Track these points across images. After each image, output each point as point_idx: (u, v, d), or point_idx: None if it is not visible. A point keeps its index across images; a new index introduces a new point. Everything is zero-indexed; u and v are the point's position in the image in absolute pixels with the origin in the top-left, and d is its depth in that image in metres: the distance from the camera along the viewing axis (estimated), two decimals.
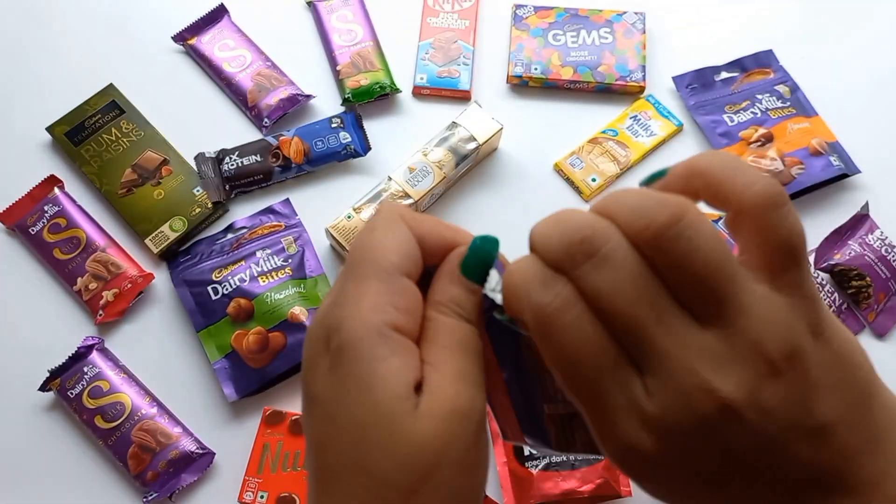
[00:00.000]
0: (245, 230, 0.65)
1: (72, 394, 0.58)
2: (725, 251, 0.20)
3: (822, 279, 0.62)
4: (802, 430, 0.21)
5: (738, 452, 0.20)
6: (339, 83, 0.72)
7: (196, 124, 0.71)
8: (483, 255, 0.25)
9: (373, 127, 0.70)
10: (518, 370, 0.26)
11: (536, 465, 0.55)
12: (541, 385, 0.26)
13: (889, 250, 0.64)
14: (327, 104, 0.72)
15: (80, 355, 0.60)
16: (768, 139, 0.68)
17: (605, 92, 0.72)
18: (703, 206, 0.23)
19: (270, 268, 0.62)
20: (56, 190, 0.66)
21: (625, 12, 0.74)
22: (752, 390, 0.20)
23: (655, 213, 0.20)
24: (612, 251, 0.21)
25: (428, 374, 0.23)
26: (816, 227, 0.65)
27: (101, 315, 0.62)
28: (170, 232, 0.65)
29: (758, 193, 0.21)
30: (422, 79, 0.71)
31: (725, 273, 0.20)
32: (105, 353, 0.61)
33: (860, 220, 0.65)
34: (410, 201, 0.63)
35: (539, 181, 0.69)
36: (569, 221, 0.21)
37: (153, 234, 0.65)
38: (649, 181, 0.24)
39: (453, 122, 0.65)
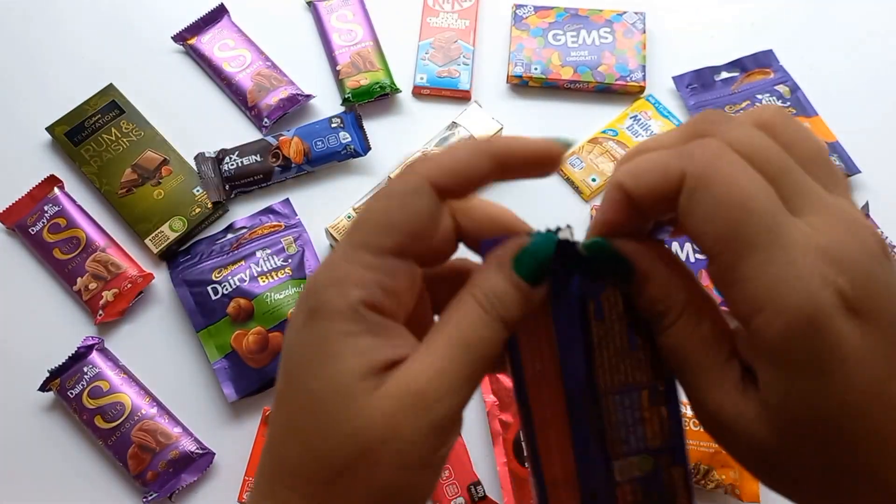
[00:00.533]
0: (245, 230, 0.65)
1: (72, 394, 0.58)
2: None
3: None
4: None
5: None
6: (339, 83, 0.72)
7: (196, 124, 0.71)
8: (544, 254, 0.23)
9: (373, 127, 0.70)
10: (584, 393, 0.22)
11: None
12: (607, 424, 0.22)
13: (889, 250, 0.63)
14: (327, 104, 0.72)
15: (80, 355, 0.60)
16: None
17: (606, 92, 0.72)
18: None
19: (270, 268, 0.62)
20: (56, 190, 0.66)
21: (625, 12, 0.74)
22: (885, 246, 0.20)
23: (762, 110, 0.21)
24: (744, 121, 0.21)
25: (412, 356, 0.22)
26: None
27: (100, 315, 0.62)
28: (170, 232, 0.65)
29: (771, 111, 0.22)
30: (422, 79, 0.71)
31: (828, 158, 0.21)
32: (105, 353, 0.61)
33: None
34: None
35: (539, 181, 0.68)
36: (672, 131, 0.23)
37: (153, 234, 0.65)
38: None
39: (453, 122, 0.65)
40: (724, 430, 0.21)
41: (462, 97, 0.72)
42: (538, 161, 0.24)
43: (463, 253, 0.26)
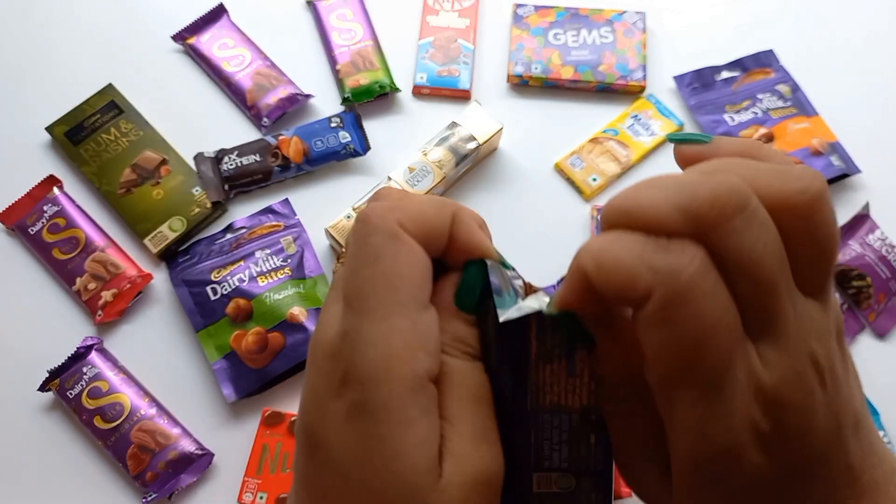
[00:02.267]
0: (244, 230, 0.65)
1: (71, 394, 0.58)
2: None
3: None
4: (852, 417, 0.20)
5: (821, 432, 0.19)
6: (339, 82, 0.71)
7: (195, 124, 0.70)
8: (475, 285, 0.23)
9: (372, 126, 0.70)
10: (513, 403, 0.23)
11: None
12: (534, 438, 0.23)
13: (889, 250, 0.63)
14: (327, 104, 0.72)
15: (80, 355, 0.60)
16: (769, 139, 0.68)
17: (606, 91, 0.72)
18: None
19: (270, 268, 0.62)
20: (55, 190, 0.66)
21: (625, 11, 0.73)
22: (834, 362, 0.20)
23: (811, 180, 0.19)
24: (760, 208, 0.18)
25: (448, 434, 0.21)
26: None
27: (100, 315, 0.62)
28: (169, 232, 0.65)
29: (810, 190, 0.19)
30: (422, 78, 0.71)
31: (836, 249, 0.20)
32: (104, 353, 0.61)
33: (860, 220, 0.65)
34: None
35: (539, 181, 0.68)
36: (687, 183, 0.19)
37: (152, 234, 0.64)
38: (685, 140, 0.22)
39: (453, 122, 0.65)
40: (645, 498, 0.23)
41: (462, 97, 0.72)
42: (478, 252, 0.24)
43: None
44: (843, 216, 0.65)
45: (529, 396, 0.23)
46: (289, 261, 0.63)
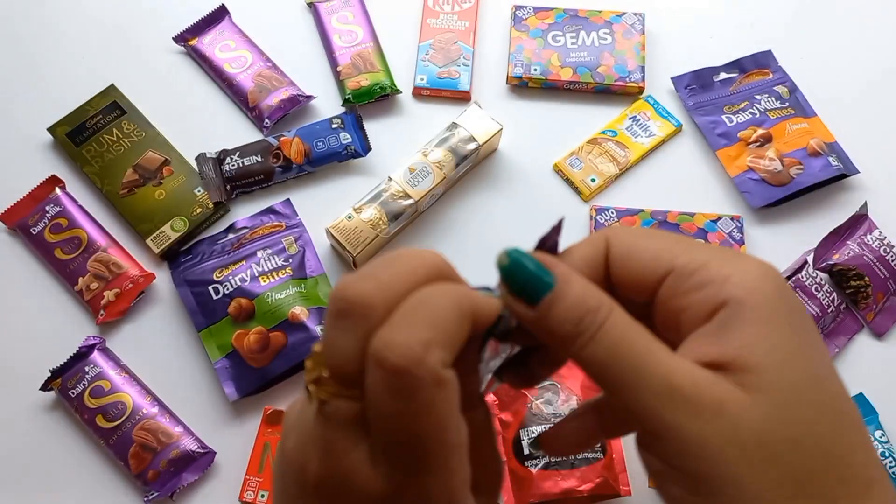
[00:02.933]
0: (246, 230, 0.65)
1: (73, 393, 0.59)
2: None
3: (821, 279, 0.63)
4: None
5: None
6: (340, 84, 0.72)
7: (197, 125, 0.71)
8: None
9: (373, 127, 0.70)
10: None
11: (536, 465, 0.55)
12: None
13: (887, 250, 0.64)
14: (328, 105, 0.72)
15: (82, 355, 0.60)
16: (767, 139, 0.68)
17: (605, 93, 0.72)
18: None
19: (271, 268, 0.63)
20: (57, 190, 0.66)
21: (624, 13, 0.74)
22: None
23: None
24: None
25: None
26: (815, 228, 0.66)
27: (102, 315, 0.62)
28: (171, 232, 0.65)
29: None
30: (422, 80, 0.72)
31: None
32: (106, 352, 0.61)
33: (859, 220, 0.65)
34: (411, 202, 0.63)
35: (539, 181, 0.69)
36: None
37: (154, 235, 0.65)
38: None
39: (453, 123, 0.66)
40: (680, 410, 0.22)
41: (462, 98, 0.72)
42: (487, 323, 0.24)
43: None
44: (841, 216, 0.66)
45: None
46: (290, 261, 0.63)
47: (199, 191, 0.67)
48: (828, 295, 0.62)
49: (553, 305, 0.23)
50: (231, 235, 0.65)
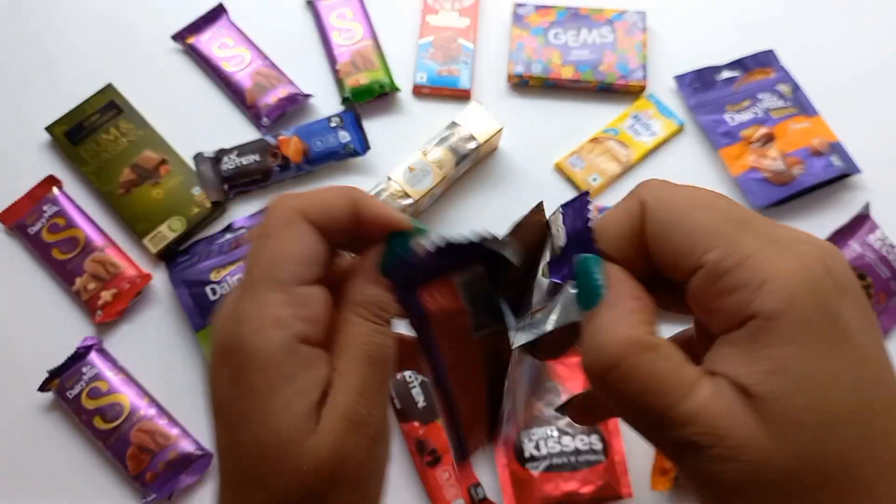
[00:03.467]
0: (244, 230, 0.65)
1: (70, 394, 0.58)
2: None
3: None
4: None
5: None
6: (339, 82, 0.71)
7: (195, 124, 0.70)
8: (392, 251, 0.25)
9: (372, 126, 0.70)
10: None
11: (537, 467, 0.55)
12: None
13: (889, 250, 0.63)
14: (326, 103, 0.72)
15: (79, 356, 0.59)
16: (769, 139, 0.68)
17: (606, 91, 0.72)
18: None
19: None
20: (55, 190, 0.66)
21: (626, 11, 0.73)
22: None
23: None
24: None
25: (335, 384, 0.23)
26: (817, 228, 0.65)
27: (99, 315, 0.62)
28: (168, 232, 0.64)
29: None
30: (422, 78, 0.71)
31: None
32: (104, 353, 0.61)
33: (861, 220, 0.65)
34: (410, 201, 0.62)
35: (540, 181, 0.68)
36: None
37: (152, 234, 0.64)
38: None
39: (453, 122, 0.65)
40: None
41: (462, 96, 0.71)
42: (388, 226, 0.26)
43: None
44: (843, 216, 0.65)
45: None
46: None
47: (196, 190, 0.66)
48: None
49: (589, 323, 0.23)
50: (229, 235, 0.65)
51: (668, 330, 0.25)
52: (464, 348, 0.26)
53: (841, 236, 0.64)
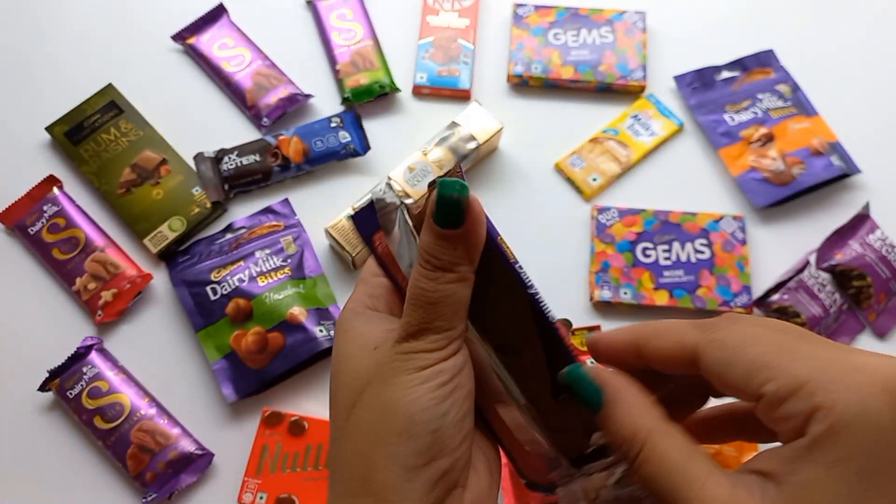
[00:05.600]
0: (244, 230, 0.65)
1: (71, 394, 0.58)
2: None
3: (823, 279, 0.62)
4: None
5: None
6: (339, 82, 0.71)
7: (195, 124, 0.70)
8: (450, 197, 0.26)
9: (372, 126, 0.70)
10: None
11: None
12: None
13: (889, 250, 0.63)
14: (327, 103, 0.72)
15: (79, 355, 0.60)
16: (769, 139, 0.68)
17: (606, 91, 0.72)
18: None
19: (269, 268, 0.62)
20: (55, 190, 0.66)
21: (625, 11, 0.73)
22: None
23: None
24: None
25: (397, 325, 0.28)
26: (817, 228, 0.65)
27: (99, 315, 0.62)
28: (168, 232, 0.64)
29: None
30: (422, 78, 0.71)
31: None
32: (104, 353, 0.61)
33: (861, 220, 0.65)
34: (410, 201, 0.62)
35: (539, 181, 0.68)
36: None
37: (152, 234, 0.64)
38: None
39: (453, 122, 0.65)
40: None
41: (462, 96, 0.71)
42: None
43: None
44: (843, 216, 0.65)
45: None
46: (288, 261, 0.63)
47: (196, 190, 0.66)
48: (830, 295, 0.62)
49: (603, 423, 0.26)
50: (229, 235, 0.65)
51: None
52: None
53: (841, 236, 0.64)
